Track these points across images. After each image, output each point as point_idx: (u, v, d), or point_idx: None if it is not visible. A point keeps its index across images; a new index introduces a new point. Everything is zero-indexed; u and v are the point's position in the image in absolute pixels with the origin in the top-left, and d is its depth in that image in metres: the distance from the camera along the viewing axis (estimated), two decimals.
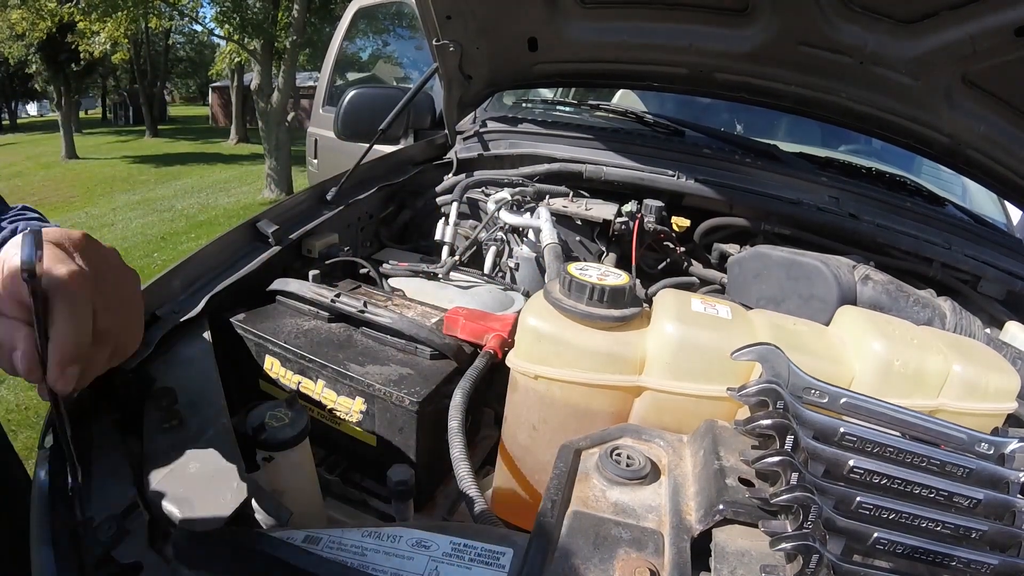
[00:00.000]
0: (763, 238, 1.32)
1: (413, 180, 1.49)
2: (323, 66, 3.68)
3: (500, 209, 1.29)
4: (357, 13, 3.61)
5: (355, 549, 0.49)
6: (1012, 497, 0.54)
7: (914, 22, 1.06)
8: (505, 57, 1.41)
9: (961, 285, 1.26)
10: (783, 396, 0.55)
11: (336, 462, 0.88)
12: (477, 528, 0.53)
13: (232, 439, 0.64)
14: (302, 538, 0.49)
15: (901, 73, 1.15)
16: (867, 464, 0.52)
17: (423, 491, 0.84)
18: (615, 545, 0.47)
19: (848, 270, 1.09)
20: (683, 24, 1.26)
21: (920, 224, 1.33)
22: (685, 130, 1.64)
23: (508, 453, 0.77)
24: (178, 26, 20.45)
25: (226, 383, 0.73)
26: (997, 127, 1.16)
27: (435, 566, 0.47)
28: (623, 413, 0.70)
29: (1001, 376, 0.68)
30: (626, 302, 0.70)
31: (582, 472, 0.56)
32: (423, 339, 0.83)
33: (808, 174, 1.41)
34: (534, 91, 2.03)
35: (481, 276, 1.14)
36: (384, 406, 0.78)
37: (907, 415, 0.58)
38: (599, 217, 1.31)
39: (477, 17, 1.27)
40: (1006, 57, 1.02)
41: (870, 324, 0.72)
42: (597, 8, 1.28)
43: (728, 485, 0.50)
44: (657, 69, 1.40)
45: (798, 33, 1.17)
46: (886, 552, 0.48)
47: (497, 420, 0.90)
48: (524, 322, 0.71)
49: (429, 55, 1.38)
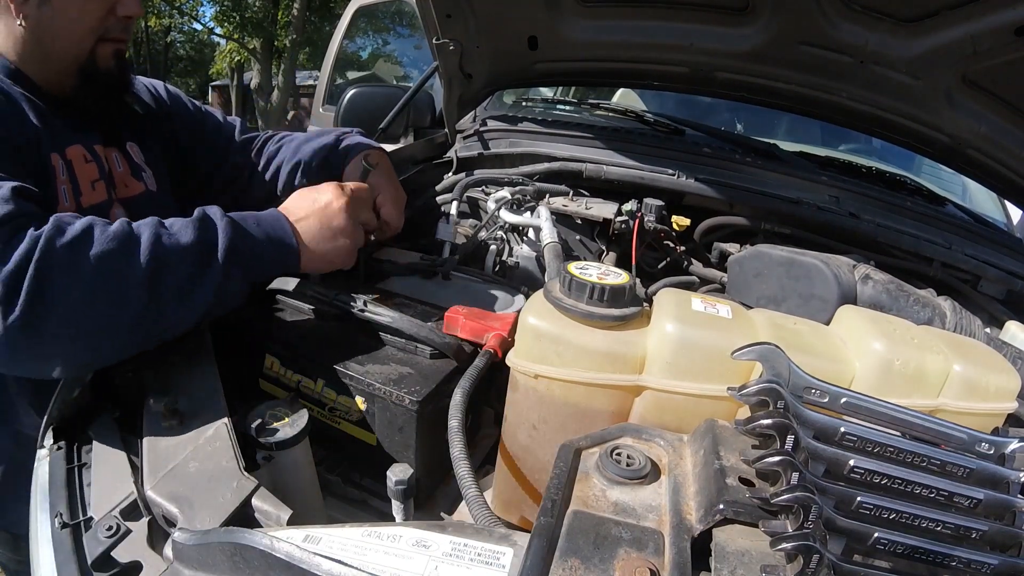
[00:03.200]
0: (763, 237, 1.32)
1: (413, 179, 1.49)
2: (323, 65, 3.68)
3: (500, 208, 1.29)
4: (357, 12, 3.61)
5: (355, 549, 0.49)
6: (1012, 497, 0.54)
7: (914, 21, 1.06)
8: (505, 56, 1.41)
9: (961, 284, 1.26)
10: (783, 396, 0.55)
11: (336, 462, 0.88)
12: (477, 528, 0.53)
13: (232, 439, 0.64)
14: (302, 538, 0.49)
15: (901, 72, 1.15)
16: (867, 464, 0.52)
17: (423, 491, 0.84)
18: (615, 545, 0.47)
19: (848, 269, 1.09)
20: (683, 23, 1.26)
21: (920, 223, 1.33)
22: (685, 129, 1.65)
23: (508, 452, 0.77)
24: (178, 25, 20.45)
25: (226, 383, 0.73)
26: (997, 127, 1.16)
27: (435, 566, 0.47)
28: (623, 412, 0.70)
29: (1001, 376, 0.68)
30: (626, 301, 0.70)
31: (582, 472, 0.56)
32: (423, 338, 0.83)
33: (808, 173, 1.41)
34: (534, 90, 2.03)
35: (481, 275, 1.14)
36: (384, 405, 0.78)
37: (907, 415, 0.58)
38: (599, 216, 1.31)
39: (477, 16, 1.27)
40: (1006, 57, 1.02)
41: (870, 323, 0.72)
42: (597, 7, 1.28)
43: (728, 485, 0.50)
44: (657, 68, 1.41)
45: (798, 32, 1.17)
46: (886, 552, 0.48)
47: (497, 419, 0.89)
48: (524, 321, 0.71)
49: (429, 54, 1.38)
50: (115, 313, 0.66)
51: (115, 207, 0.98)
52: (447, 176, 1.51)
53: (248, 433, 0.69)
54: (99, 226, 0.67)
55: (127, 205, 1.00)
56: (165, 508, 0.57)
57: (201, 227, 0.74)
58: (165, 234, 0.71)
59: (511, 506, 0.80)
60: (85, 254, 0.64)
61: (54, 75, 0.91)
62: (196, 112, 1.21)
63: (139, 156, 1.06)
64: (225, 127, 1.24)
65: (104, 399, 0.74)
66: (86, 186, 0.92)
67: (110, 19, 0.91)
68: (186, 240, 0.71)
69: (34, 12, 0.85)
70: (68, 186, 0.90)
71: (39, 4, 0.84)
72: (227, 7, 9.48)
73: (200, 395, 0.71)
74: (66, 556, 0.57)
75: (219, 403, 0.69)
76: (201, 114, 1.21)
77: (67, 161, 0.90)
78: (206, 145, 1.20)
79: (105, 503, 0.60)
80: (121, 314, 0.67)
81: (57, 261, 0.63)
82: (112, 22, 0.91)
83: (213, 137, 1.21)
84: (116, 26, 0.92)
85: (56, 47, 0.89)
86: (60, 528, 0.59)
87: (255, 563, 0.50)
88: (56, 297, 0.62)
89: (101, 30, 0.91)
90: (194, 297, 0.72)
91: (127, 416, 0.72)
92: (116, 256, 0.66)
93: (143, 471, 0.62)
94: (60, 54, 0.90)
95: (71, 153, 0.91)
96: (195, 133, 1.18)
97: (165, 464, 0.62)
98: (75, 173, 0.91)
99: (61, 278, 0.63)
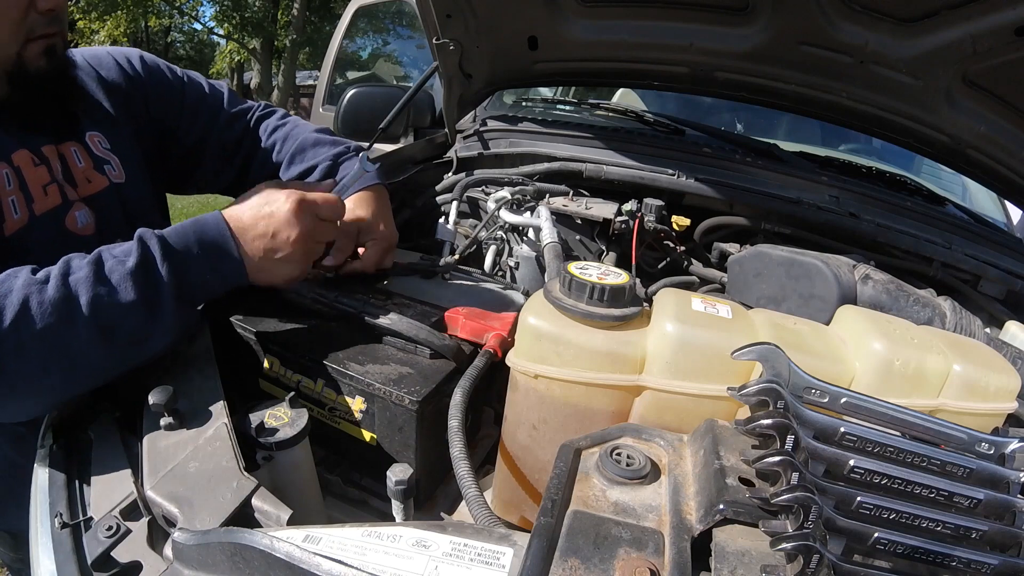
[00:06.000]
0: (763, 237, 1.32)
1: (413, 179, 1.49)
2: (323, 65, 3.68)
3: (500, 208, 1.29)
4: (357, 12, 3.61)
5: (355, 549, 0.49)
6: (1012, 497, 0.54)
7: (914, 21, 1.06)
8: (505, 56, 1.41)
9: (961, 284, 1.26)
10: (783, 396, 0.55)
11: (336, 462, 0.88)
12: (477, 528, 0.53)
13: (232, 439, 0.64)
14: (302, 538, 0.49)
15: (901, 72, 1.15)
16: (867, 464, 0.52)
17: (423, 490, 0.84)
18: (615, 545, 0.47)
19: (848, 269, 1.09)
20: (683, 23, 1.26)
21: (920, 223, 1.33)
22: (685, 129, 1.65)
23: (508, 452, 0.77)
24: (178, 25, 20.45)
25: (226, 383, 0.73)
26: (997, 127, 1.16)
27: (435, 566, 0.47)
28: (623, 412, 0.70)
29: (1001, 376, 0.68)
30: (626, 301, 0.70)
31: (582, 472, 0.56)
32: (422, 340, 0.83)
33: (808, 173, 1.41)
34: (534, 90, 2.03)
35: (481, 275, 1.14)
36: (384, 405, 0.78)
37: (907, 415, 0.58)
38: (599, 216, 1.31)
39: (477, 16, 1.27)
40: (1006, 57, 1.02)
41: (870, 323, 0.72)
42: (597, 7, 1.28)
43: (728, 485, 0.50)
44: (657, 68, 1.40)
45: (798, 32, 1.17)
46: (886, 552, 0.48)
47: (497, 419, 0.90)
48: (524, 321, 0.71)
49: (429, 54, 1.38)
50: (72, 371, 0.67)
51: (75, 208, 0.92)
52: (447, 176, 1.51)
53: (248, 433, 0.69)
54: (34, 295, 0.64)
55: (91, 203, 0.94)
56: (165, 508, 0.57)
57: (143, 273, 0.69)
58: (105, 291, 0.67)
59: (511, 506, 0.80)
60: (29, 334, 0.63)
61: None
62: (176, 82, 1.11)
63: (103, 145, 0.99)
64: (211, 97, 1.15)
65: (104, 399, 0.74)
66: (38, 192, 0.87)
67: (31, 15, 0.81)
68: (128, 298, 0.68)
69: None
70: (18, 195, 0.84)
71: None
72: (227, 7, 9.48)
73: (200, 395, 0.71)
74: (66, 556, 0.57)
75: (219, 403, 0.69)
76: (182, 84, 1.12)
77: (15, 168, 0.85)
78: (188, 117, 1.11)
79: (105, 503, 0.60)
80: (78, 371, 0.67)
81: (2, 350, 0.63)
82: (34, 18, 0.82)
83: (196, 107, 1.12)
84: (40, 21, 0.83)
85: None
86: (60, 528, 0.59)
87: (255, 563, 0.50)
88: (10, 377, 0.64)
89: (24, 30, 0.82)
90: (150, 342, 0.72)
91: (127, 416, 0.72)
92: (58, 329, 0.65)
93: (143, 471, 0.62)
94: None
95: (18, 159, 0.85)
96: (174, 104, 1.10)
97: (165, 464, 0.62)
98: (24, 179, 0.85)
99: (11, 363, 0.63)
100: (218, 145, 1.14)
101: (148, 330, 0.71)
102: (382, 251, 1.00)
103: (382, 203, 1.04)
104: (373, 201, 1.02)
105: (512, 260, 1.30)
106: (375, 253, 0.99)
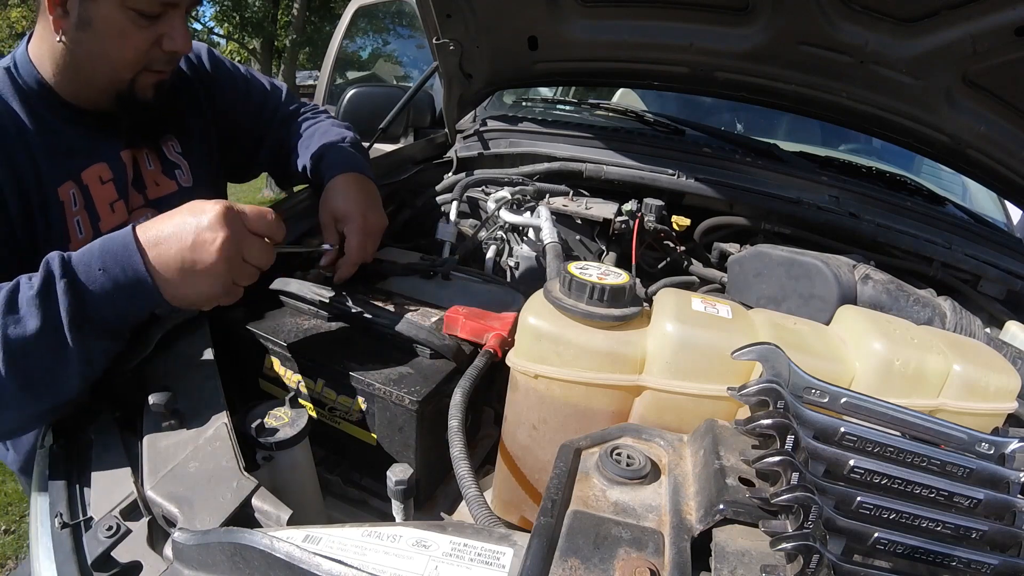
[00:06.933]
0: (763, 237, 1.32)
1: (413, 179, 1.49)
2: (323, 65, 3.68)
3: (500, 208, 1.29)
4: (357, 12, 3.60)
5: (355, 549, 0.49)
6: (1012, 497, 0.54)
7: (914, 21, 1.06)
8: (505, 56, 1.41)
9: (961, 284, 1.26)
10: (783, 396, 0.55)
11: (336, 462, 0.88)
12: (477, 528, 0.53)
13: (232, 439, 0.64)
14: (302, 538, 0.49)
15: (901, 72, 1.15)
16: (867, 464, 0.52)
17: (423, 490, 0.84)
18: (615, 545, 0.47)
19: (848, 269, 1.09)
20: (683, 23, 1.26)
21: (920, 223, 1.33)
22: (685, 129, 1.65)
23: (508, 452, 0.77)
24: None
25: (226, 383, 0.73)
26: (997, 127, 1.16)
27: (435, 566, 0.47)
28: (623, 412, 0.70)
29: (1001, 376, 0.68)
30: (626, 301, 0.70)
31: (582, 472, 0.56)
32: (422, 340, 0.83)
33: (808, 173, 1.41)
34: (534, 90, 2.03)
35: (481, 275, 1.14)
36: (384, 405, 0.78)
37: (907, 415, 0.58)
38: (599, 216, 1.31)
39: (477, 15, 1.27)
40: (1006, 57, 1.02)
41: (870, 323, 0.72)
42: (597, 7, 1.28)
43: (728, 485, 0.50)
44: (657, 68, 1.40)
45: (798, 32, 1.17)
46: (886, 552, 0.48)
47: (497, 419, 0.90)
48: (524, 321, 0.71)
49: (429, 54, 1.38)
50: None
51: (139, 215, 0.94)
52: (447, 176, 1.51)
53: (248, 433, 0.69)
54: None
55: (158, 206, 0.96)
56: (165, 508, 0.57)
57: (44, 302, 0.63)
58: (12, 321, 0.62)
59: (511, 506, 0.80)
60: None
61: (89, 94, 0.88)
62: (240, 79, 1.15)
63: (175, 150, 1.03)
64: (271, 95, 1.19)
65: (104, 399, 0.74)
66: (104, 210, 0.90)
67: (154, 52, 0.85)
68: (31, 328, 0.62)
69: (72, 32, 0.80)
70: (83, 215, 0.87)
71: (78, 26, 0.79)
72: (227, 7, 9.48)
73: (200, 395, 0.71)
74: (66, 556, 0.57)
75: (219, 403, 0.69)
76: (246, 81, 1.16)
77: (82, 187, 0.87)
78: (251, 113, 1.16)
79: (105, 503, 0.60)
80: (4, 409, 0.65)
81: None
82: (156, 53, 0.86)
83: (259, 105, 1.16)
84: (160, 59, 0.87)
85: (94, 71, 0.85)
86: (60, 528, 0.59)
87: (255, 563, 0.50)
88: None
89: (144, 61, 0.86)
90: (65, 380, 0.67)
91: (127, 416, 0.72)
92: None
93: (143, 471, 0.62)
94: (98, 79, 0.86)
95: (88, 176, 0.88)
96: (238, 101, 1.14)
97: (165, 464, 0.62)
98: (92, 198, 0.88)
99: None
100: (275, 141, 1.18)
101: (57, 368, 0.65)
102: (363, 239, 0.94)
103: (362, 191, 0.99)
104: (352, 189, 0.98)
105: (512, 260, 1.30)
106: (355, 241, 0.93)
